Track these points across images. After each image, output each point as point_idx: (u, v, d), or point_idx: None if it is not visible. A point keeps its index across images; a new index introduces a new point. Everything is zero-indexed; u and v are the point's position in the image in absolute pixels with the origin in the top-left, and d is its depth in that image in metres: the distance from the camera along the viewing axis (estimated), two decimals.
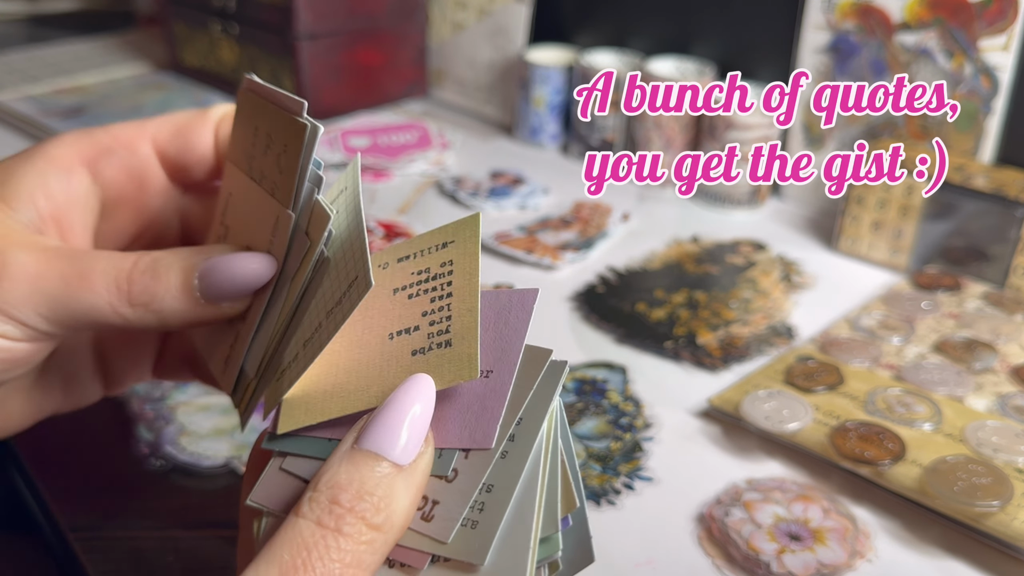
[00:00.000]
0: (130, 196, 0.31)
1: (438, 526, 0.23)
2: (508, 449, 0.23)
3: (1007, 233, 0.57)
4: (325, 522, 0.22)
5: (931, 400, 0.46)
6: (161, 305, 0.27)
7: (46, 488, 0.42)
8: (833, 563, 0.38)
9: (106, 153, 0.30)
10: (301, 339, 0.27)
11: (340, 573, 0.22)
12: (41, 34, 1.09)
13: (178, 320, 0.27)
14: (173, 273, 0.27)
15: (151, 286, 0.27)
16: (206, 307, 0.27)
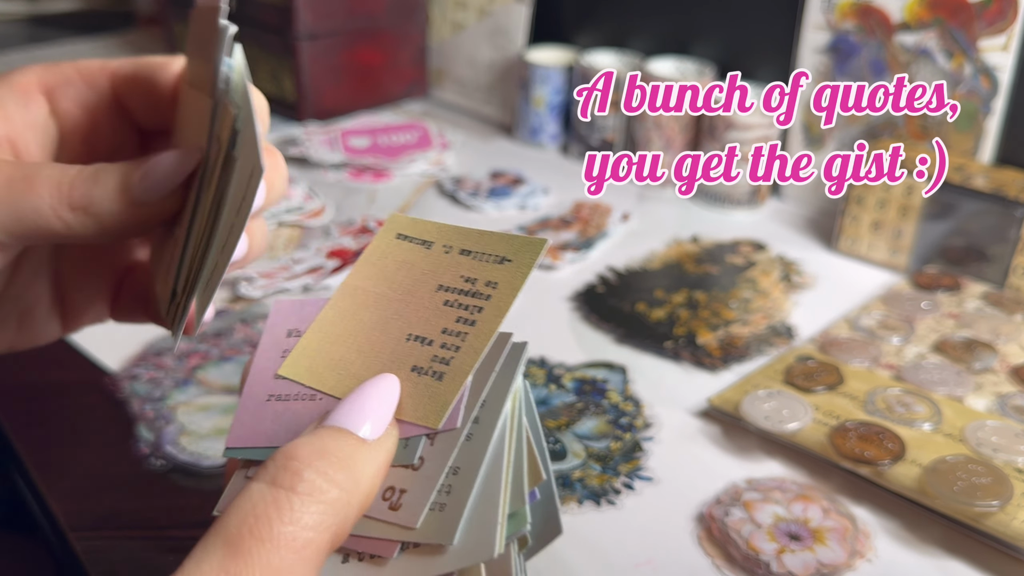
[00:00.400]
0: (83, 129, 0.31)
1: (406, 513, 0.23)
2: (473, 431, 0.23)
3: (1007, 233, 0.57)
4: (279, 481, 0.22)
5: (931, 400, 0.46)
6: (99, 208, 0.27)
7: (46, 488, 0.42)
8: (833, 563, 0.38)
9: (65, 84, 0.31)
10: (218, 246, 0.27)
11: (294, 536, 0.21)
12: (41, 34, 1.09)
13: (116, 223, 0.28)
14: (112, 177, 0.28)
15: (91, 190, 0.27)
16: (140, 208, 0.28)
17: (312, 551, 0.21)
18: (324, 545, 0.22)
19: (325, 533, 0.21)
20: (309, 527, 0.21)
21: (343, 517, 0.22)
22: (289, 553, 0.21)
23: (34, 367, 0.51)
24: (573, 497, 0.42)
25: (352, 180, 0.75)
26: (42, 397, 0.49)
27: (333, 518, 0.22)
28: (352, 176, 0.75)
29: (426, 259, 0.28)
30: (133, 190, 0.27)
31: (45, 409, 0.47)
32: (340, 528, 0.22)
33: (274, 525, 0.21)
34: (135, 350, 0.52)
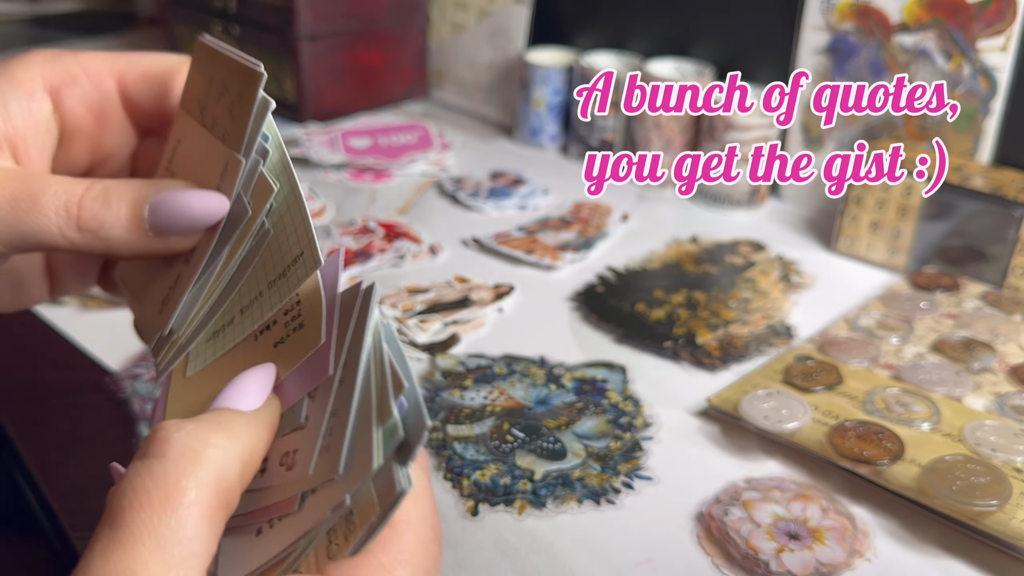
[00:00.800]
0: (87, 129, 0.31)
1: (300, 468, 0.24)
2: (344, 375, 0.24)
3: (1005, 233, 0.58)
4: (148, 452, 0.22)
5: (930, 400, 0.46)
6: (109, 233, 0.27)
7: (48, 487, 0.42)
8: (832, 562, 0.38)
9: (70, 82, 0.30)
10: (238, 305, 0.27)
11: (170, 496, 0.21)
12: (43, 35, 1.09)
13: (125, 249, 0.28)
14: (124, 202, 0.27)
15: (100, 213, 0.27)
16: (154, 240, 0.27)
17: (198, 508, 0.21)
18: (210, 500, 0.21)
19: (207, 488, 0.21)
20: (187, 487, 0.21)
21: (224, 471, 0.22)
22: (170, 511, 0.21)
23: (36, 367, 0.51)
24: (573, 496, 0.42)
25: (352, 180, 0.75)
26: (44, 397, 0.49)
27: (212, 473, 0.22)
28: (352, 176, 0.75)
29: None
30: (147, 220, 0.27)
31: (47, 408, 0.47)
32: (224, 483, 0.22)
33: (150, 491, 0.21)
34: (136, 350, 0.52)
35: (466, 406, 0.47)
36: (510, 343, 0.53)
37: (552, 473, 0.43)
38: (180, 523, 0.21)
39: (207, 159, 0.28)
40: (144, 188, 0.28)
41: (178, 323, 0.29)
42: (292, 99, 0.84)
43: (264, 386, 0.25)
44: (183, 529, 0.21)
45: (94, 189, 0.27)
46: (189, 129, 0.30)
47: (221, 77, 0.28)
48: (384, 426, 0.22)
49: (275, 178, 0.27)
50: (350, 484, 0.22)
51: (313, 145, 0.78)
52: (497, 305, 0.57)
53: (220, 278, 0.28)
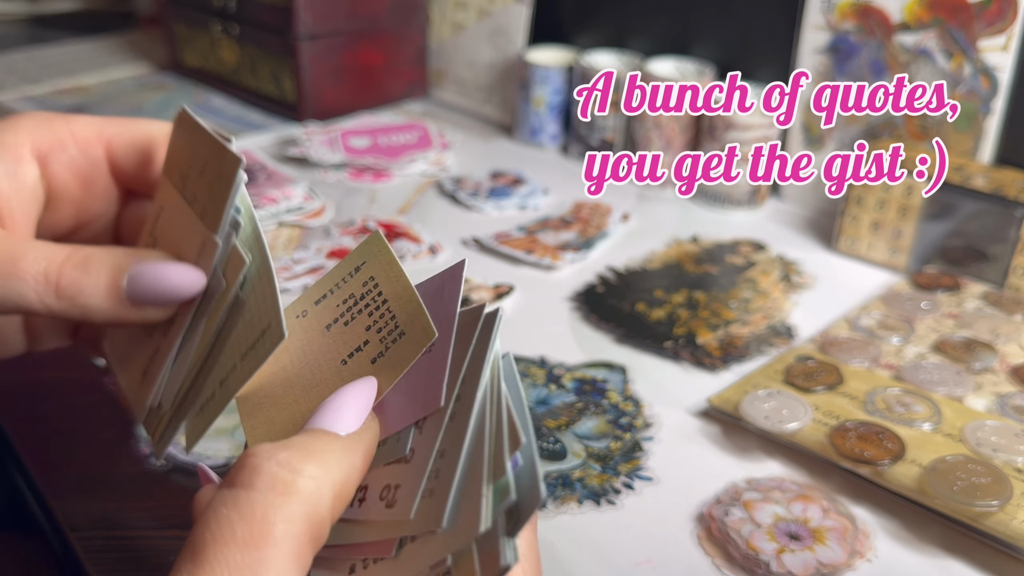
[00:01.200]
0: (73, 194, 0.31)
1: (400, 507, 0.23)
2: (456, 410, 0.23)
3: (1006, 233, 0.58)
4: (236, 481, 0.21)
5: (930, 400, 0.46)
6: (87, 301, 0.27)
7: (47, 488, 0.42)
8: (832, 562, 0.38)
9: (59, 148, 0.30)
10: (217, 378, 0.28)
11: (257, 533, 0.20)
12: (42, 34, 1.09)
13: (102, 317, 0.28)
14: (104, 271, 0.27)
15: (79, 280, 0.27)
16: (130, 309, 0.28)
17: (284, 547, 0.20)
18: (298, 536, 0.21)
19: (295, 524, 0.21)
20: (274, 523, 0.20)
21: (314, 505, 0.21)
22: (253, 551, 0.20)
23: (34, 367, 0.51)
24: (573, 497, 0.42)
25: (352, 180, 0.75)
26: (42, 396, 0.49)
27: (302, 507, 0.21)
28: (352, 176, 0.75)
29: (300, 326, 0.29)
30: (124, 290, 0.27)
31: (45, 408, 0.47)
32: (315, 518, 0.21)
33: (235, 526, 0.20)
34: None
35: None
36: (510, 343, 0.53)
37: (552, 473, 0.43)
38: (264, 564, 0.20)
39: (186, 233, 0.29)
40: (124, 258, 0.28)
41: (164, 396, 0.29)
42: (292, 99, 0.84)
43: (364, 405, 0.24)
44: (267, 571, 0.20)
45: (75, 257, 0.27)
46: (171, 199, 0.30)
47: (202, 154, 0.29)
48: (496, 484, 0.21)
49: (247, 250, 0.27)
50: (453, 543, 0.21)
51: (313, 145, 0.78)
52: (497, 305, 0.57)
53: (200, 351, 0.28)
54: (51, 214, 0.31)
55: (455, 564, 0.22)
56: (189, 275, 0.27)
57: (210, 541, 0.20)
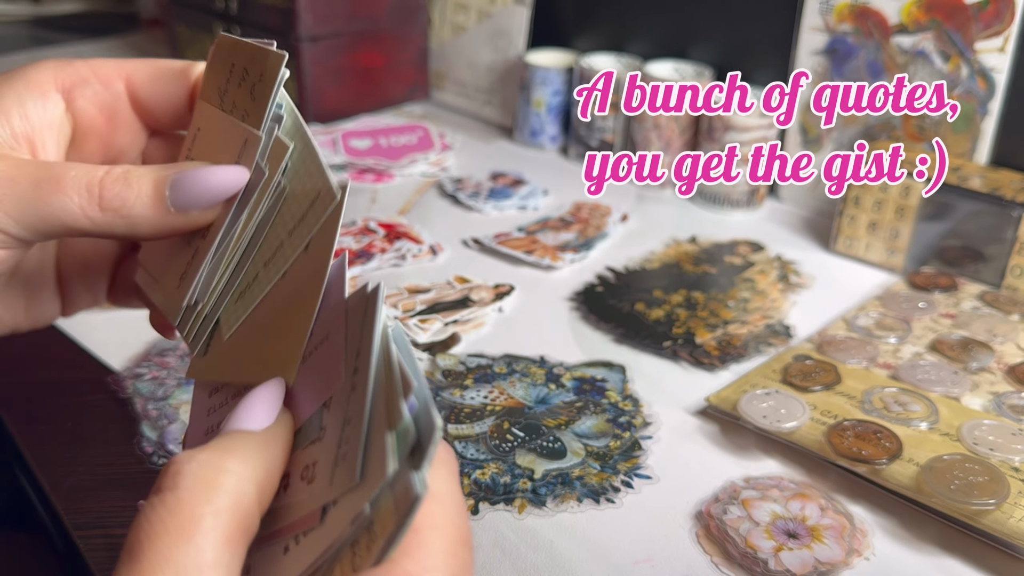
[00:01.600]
0: (99, 129, 0.32)
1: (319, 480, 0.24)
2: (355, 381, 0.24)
3: (1003, 233, 0.58)
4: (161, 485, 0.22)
5: (927, 399, 0.47)
6: (131, 211, 0.27)
7: (50, 486, 0.43)
8: (830, 560, 0.38)
9: (81, 83, 0.31)
10: (260, 260, 0.28)
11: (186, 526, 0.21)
12: (45, 36, 1.10)
13: (147, 227, 0.28)
14: (145, 181, 0.28)
15: (122, 192, 0.27)
16: (176, 215, 0.28)
17: (215, 535, 0.21)
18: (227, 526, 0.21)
19: (223, 516, 0.21)
20: (202, 515, 0.21)
21: (240, 496, 0.22)
22: (186, 540, 0.21)
23: (38, 366, 0.51)
24: (572, 495, 0.42)
25: (353, 181, 0.75)
26: (46, 396, 0.49)
27: (227, 499, 0.22)
28: (353, 177, 0.76)
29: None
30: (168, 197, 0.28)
31: (49, 408, 0.48)
32: (242, 509, 0.22)
33: (165, 521, 0.21)
34: (139, 349, 0.52)
35: (466, 405, 0.48)
36: (510, 343, 0.54)
37: (552, 472, 0.43)
38: (198, 550, 0.21)
39: (227, 138, 0.29)
40: (164, 169, 0.28)
41: (201, 292, 0.29)
42: (293, 100, 0.84)
43: (273, 403, 0.25)
44: (202, 556, 0.21)
45: (115, 171, 0.28)
46: (209, 116, 0.31)
47: (242, 64, 0.29)
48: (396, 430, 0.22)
49: (289, 138, 0.28)
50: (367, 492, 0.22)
51: None
52: (497, 305, 0.57)
53: (239, 241, 0.28)
54: (78, 149, 0.32)
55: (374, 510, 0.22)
56: (231, 172, 0.28)
57: (144, 539, 0.21)
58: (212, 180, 0.28)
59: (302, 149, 0.28)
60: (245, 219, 0.28)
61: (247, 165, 0.28)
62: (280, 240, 0.28)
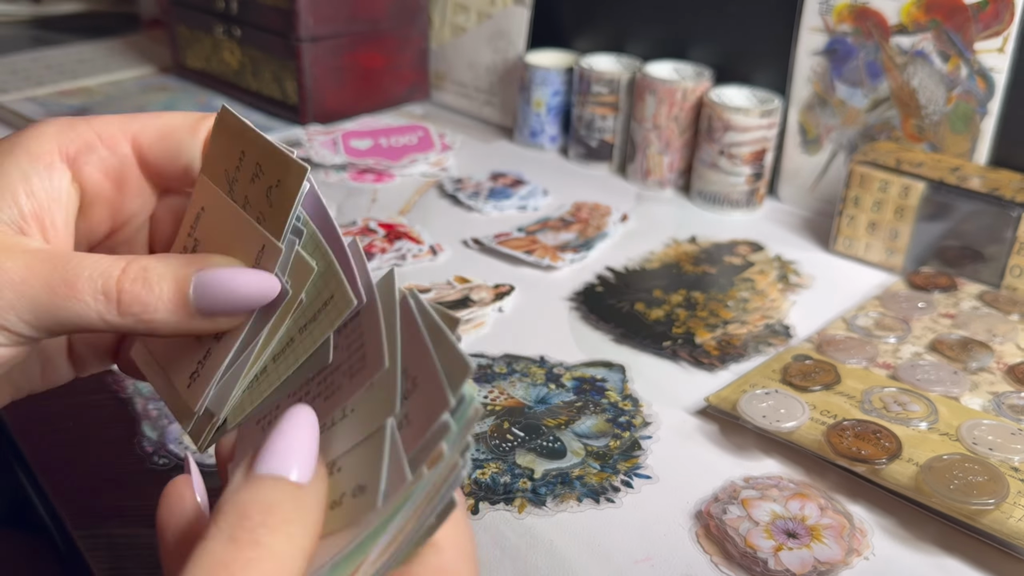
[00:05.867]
0: (106, 195, 0.31)
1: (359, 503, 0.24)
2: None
3: (1002, 234, 0.58)
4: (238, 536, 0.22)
5: (927, 399, 0.47)
6: (153, 316, 0.26)
7: (50, 486, 0.43)
8: (830, 560, 0.38)
9: (86, 150, 0.30)
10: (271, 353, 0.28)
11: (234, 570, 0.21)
12: (45, 36, 1.10)
13: (168, 330, 0.27)
14: (166, 283, 0.26)
15: (142, 295, 0.26)
16: (200, 320, 0.27)
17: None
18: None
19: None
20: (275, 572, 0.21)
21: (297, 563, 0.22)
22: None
23: None
24: (572, 495, 0.42)
25: (354, 181, 0.75)
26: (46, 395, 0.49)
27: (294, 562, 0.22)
28: (354, 177, 0.76)
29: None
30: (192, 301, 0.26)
31: (49, 407, 0.48)
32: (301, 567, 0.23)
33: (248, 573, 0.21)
34: None
35: None
36: (510, 343, 0.54)
37: (552, 472, 0.43)
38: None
39: (239, 236, 0.28)
40: (185, 267, 0.27)
41: (214, 404, 0.28)
42: (294, 101, 0.84)
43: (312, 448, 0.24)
44: None
45: (131, 270, 0.26)
46: (215, 200, 0.29)
47: (254, 157, 0.28)
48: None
49: (309, 255, 0.27)
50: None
51: (314, 146, 0.78)
52: (497, 305, 0.57)
53: (259, 357, 0.28)
54: (86, 218, 0.31)
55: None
56: (261, 279, 0.26)
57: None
58: (239, 285, 0.26)
59: (324, 269, 0.27)
60: (266, 336, 0.27)
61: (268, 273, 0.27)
62: (291, 335, 0.27)
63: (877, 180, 0.62)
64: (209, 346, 0.29)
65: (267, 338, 0.27)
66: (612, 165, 0.79)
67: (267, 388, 0.28)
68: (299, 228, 0.27)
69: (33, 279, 0.26)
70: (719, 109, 0.69)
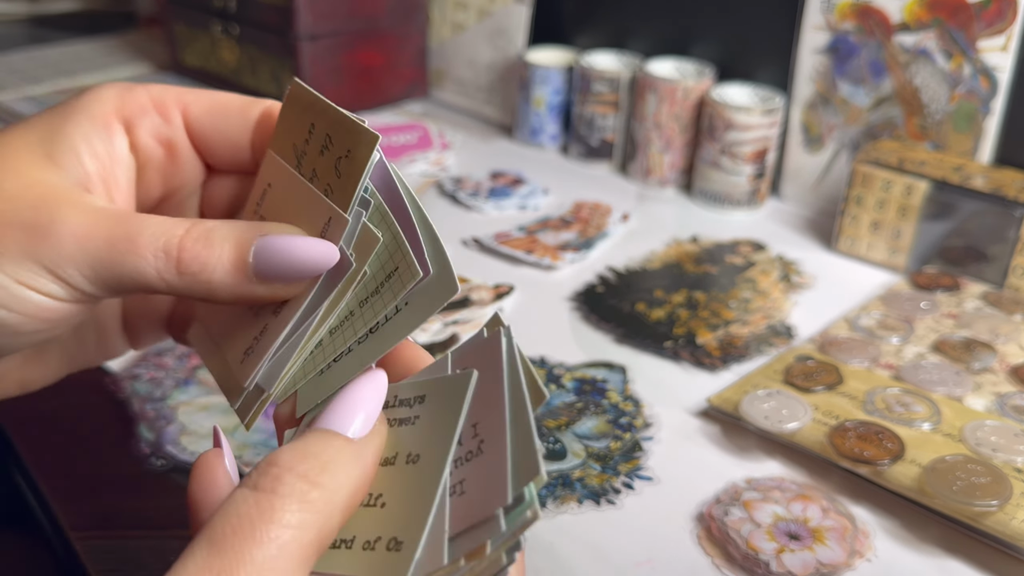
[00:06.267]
0: (158, 162, 0.31)
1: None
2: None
3: (1005, 233, 0.58)
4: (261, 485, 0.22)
5: (930, 400, 0.46)
6: (211, 276, 0.26)
7: (47, 487, 0.42)
8: (832, 562, 0.38)
9: (141, 115, 0.30)
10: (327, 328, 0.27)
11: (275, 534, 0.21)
12: (42, 35, 1.09)
13: (226, 294, 0.27)
14: (228, 245, 0.26)
15: (202, 255, 0.26)
16: (257, 284, 0.26)
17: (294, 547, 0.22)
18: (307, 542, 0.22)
19: (308, 532, 0.22)
20: (290, 525, 0.22)
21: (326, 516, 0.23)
22: (270, 549, 0.21)
23: None
24: (573, 496, 0.42)
25: None
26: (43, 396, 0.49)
27: (314, 516, 0.22)
28: None
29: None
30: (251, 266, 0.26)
31: (46, 408, 0.47)
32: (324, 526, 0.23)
33: (255, 524, 0.22)
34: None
35: None
36: None
37: (552, 473, 0.43)
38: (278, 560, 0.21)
39: (307, 208, 0.27)
40: (248, 231, 0.26)
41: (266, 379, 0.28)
42: None
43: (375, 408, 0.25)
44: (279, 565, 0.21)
45: (195, 230, 0.26)
46: (283, 175, 0.29)
47: (324, 128, 0.28)
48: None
49: (375, 226, 0.26)
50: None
51: None
52: (497, 305, 0.57)
53: (316, 331, 0.27)
54: (140, 182, 0.31)
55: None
56: (322, 247, 0.26)
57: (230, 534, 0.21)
58: (300, 252, 0.26)
59: (390, 240, 0.26)
60: (326, 309, 0.27)
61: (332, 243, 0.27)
62: (351, 308, 0.27)
63: (880, 179, 0.62)
64: (267, 321, 0.28)
65: (326, 311, 0.27)
66: (613, 164, 0.78)
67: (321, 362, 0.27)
68: (367, 200, 0.26)
69: (96, 233, 0.26)
70: (721, 107, 0.69)
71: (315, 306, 0.27)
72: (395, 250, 0.26)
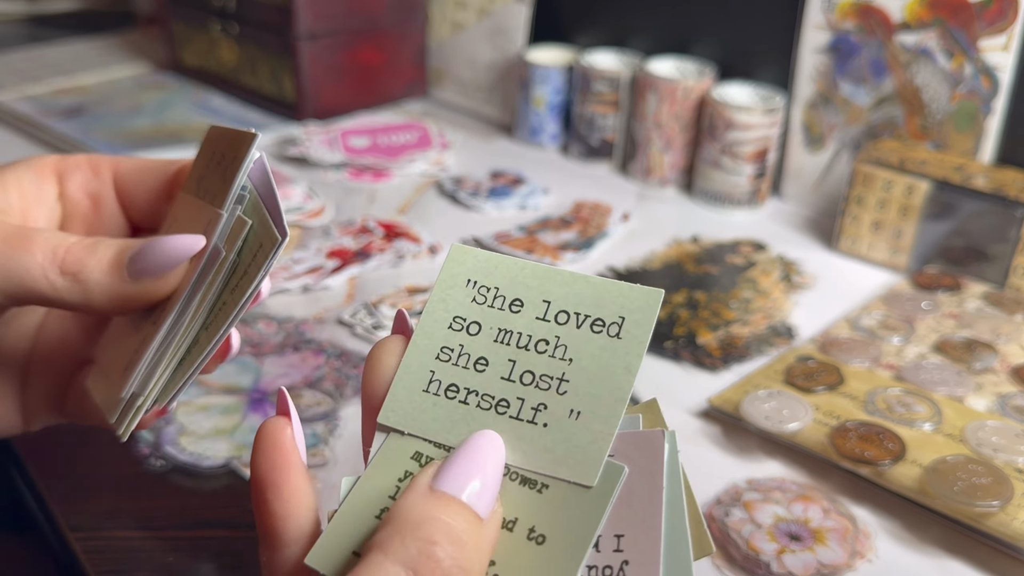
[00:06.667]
0: (84, 212, 0.33)
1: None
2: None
3: (1007, 233, 0.57)
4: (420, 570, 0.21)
5: (931, 400, 0.46)
6: (88, 276, 0.28)
7: (46, 488, 0.42)
8: (833, 563, 0.38)
9: (75, 169, 0.33)
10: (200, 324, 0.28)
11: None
12: (41, 34, 1.09)
13: (103, 295, 0.28)
14: (110, 251, 0.29)
15: (84, 257, 0.28)
16: (129, 284, 0.28)
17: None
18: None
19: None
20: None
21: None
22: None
23: None
24: None
25: (352, 180, 0.75)
26: None
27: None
28: (352, 176, 0.75)
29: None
30: (126, 265, 0.28)
31: None
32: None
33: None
34: None
35: None
36: None
37: None
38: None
39: (194, 221, 0.29)
40: (132, 242, 0.29)
41: (141, 386, 0.28)
42: (291, 98, 0.84)
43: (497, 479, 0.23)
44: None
45: (85, 240, 0.29)
46: (184, 203, 0.31)
47: (221, 149, 0.30)
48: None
49: (248, 216, 0.28)
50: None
51: (312, 144, 0.78)
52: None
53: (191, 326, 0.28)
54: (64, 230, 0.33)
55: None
56: (187, 238, 0.28)
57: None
58: (167, 245, 0.28)
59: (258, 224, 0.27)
60: (198, 302, 0.28)
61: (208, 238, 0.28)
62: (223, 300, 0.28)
63: (881, 179, 0.61)
64: (146, 333, 0.29)
65: (199, 304, 0.28)
66: (613, 164, 0.78)
67: (197, 357, 0.28)
68: (243, 196, 0.28)
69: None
70: (721, 107, 0.69)
71: (187, 306, 0.28)
72: (263, 231, 0.27)
